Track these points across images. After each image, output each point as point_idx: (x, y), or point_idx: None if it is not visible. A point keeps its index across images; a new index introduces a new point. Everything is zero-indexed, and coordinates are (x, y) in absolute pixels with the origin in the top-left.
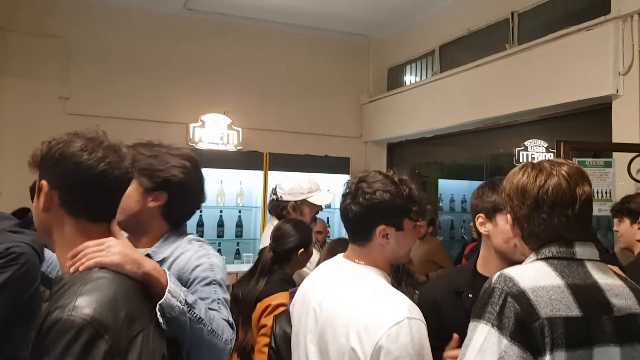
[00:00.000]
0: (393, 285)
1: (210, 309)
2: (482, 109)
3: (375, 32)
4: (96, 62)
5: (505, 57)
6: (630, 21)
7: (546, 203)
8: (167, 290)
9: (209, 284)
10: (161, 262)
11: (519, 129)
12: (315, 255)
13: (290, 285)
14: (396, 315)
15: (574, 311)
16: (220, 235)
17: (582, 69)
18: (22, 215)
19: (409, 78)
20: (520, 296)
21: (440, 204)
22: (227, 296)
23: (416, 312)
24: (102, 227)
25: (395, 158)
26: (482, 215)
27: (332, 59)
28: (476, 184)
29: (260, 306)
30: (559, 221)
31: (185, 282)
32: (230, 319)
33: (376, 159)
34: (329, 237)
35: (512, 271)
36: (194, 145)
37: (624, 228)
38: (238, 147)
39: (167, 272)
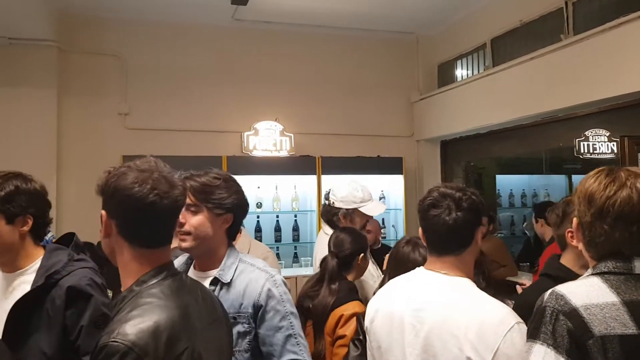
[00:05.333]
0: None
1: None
2: (538, 103)
3: (422, 29)
4: (152, 78)
5: (560, 48)
6: None
7: (610, 215)
8: None
9: (283, 317)
10: (229, 284)
11: (579, 122)
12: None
13: (357, 293)
14: (507, 321)
15: (631, 329)
16: (277, 239)
17: None
18: (67, 241)
19: (460, 73)
20: (573, 314)
21: (499, 200)
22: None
23: (518, 316)
24: (157, 252)
25: (450, 155)
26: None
27: (380, 59)
28: (535, 177)
29: (333, 316)
30: (621, 236)
31: (258, 307)
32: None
33: (429, 157)
34: (384, 237)
35: (564, 288)
36: (248, 152)
37: None
38: (291, 153)
39: None
